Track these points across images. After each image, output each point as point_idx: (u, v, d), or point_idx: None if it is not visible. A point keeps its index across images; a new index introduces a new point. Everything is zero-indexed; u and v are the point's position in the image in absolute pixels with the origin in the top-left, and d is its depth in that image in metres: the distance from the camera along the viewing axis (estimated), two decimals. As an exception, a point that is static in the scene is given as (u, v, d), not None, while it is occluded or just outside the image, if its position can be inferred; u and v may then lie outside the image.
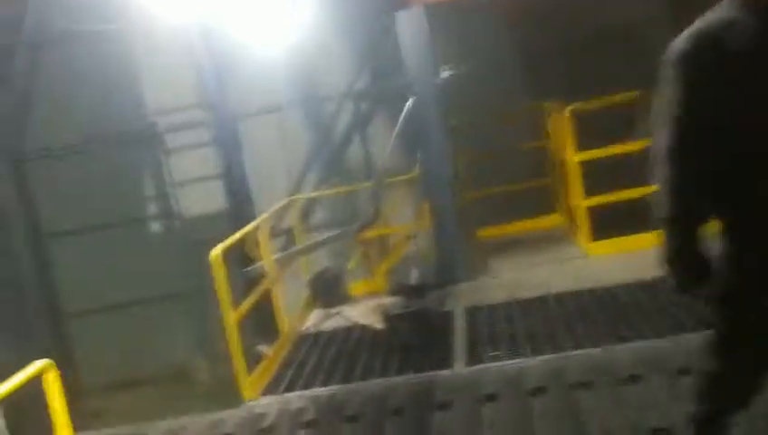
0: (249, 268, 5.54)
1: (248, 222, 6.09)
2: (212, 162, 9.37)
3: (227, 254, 4.73)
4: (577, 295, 5.52)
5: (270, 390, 4.82)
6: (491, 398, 3.98)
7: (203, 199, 9.52)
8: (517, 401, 3.91)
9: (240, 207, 8.99)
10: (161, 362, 9.37)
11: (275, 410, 4.30)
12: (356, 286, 6.58)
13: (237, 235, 5.26)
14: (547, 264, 6.58)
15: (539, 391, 3.97)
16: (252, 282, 5.59)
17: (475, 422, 3.76)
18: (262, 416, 4.25)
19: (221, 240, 4.83)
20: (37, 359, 2.81)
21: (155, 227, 10.14)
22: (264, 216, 6.13)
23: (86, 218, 9.50)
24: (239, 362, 4.61)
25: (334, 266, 6.41)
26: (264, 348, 5.63)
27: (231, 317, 4.61)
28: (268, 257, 5.61)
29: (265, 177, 9.20)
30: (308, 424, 4.03)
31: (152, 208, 10.07)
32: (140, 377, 9.08)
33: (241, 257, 6.29)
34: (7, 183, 9.02)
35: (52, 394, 2.84)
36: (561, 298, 5.55)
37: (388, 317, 5.22)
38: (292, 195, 8.78)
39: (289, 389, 4.79)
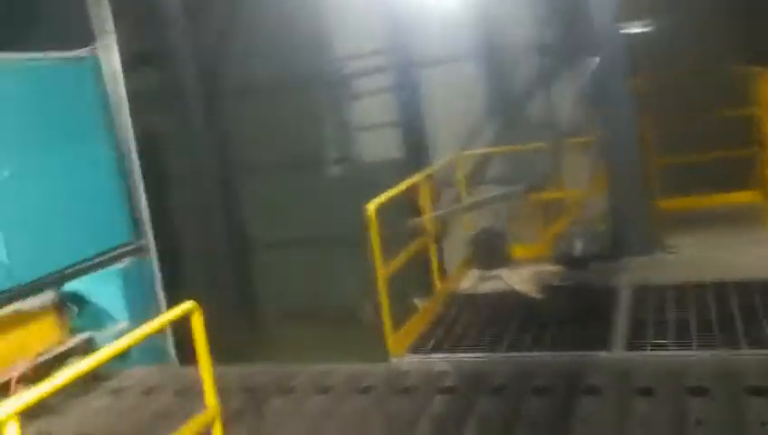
0: (409, 222, 5.49)
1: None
2: (391, 109, 9.39)
3: (388, 206, 4.68)
4: (764, 286, 4.93)
5: (416, 348, 4.78)
6: (646, 391, 3.65)
7: (380, 146, 9.60)
8: (675, 400, 3.56)
9: (415, 157, 8.98)
10: (333, 301, 9.77)
11: (417, 371, 4.25)
12: (518, 250, 6.32)
13: (399, 187, 5.20)
14: (734, 245, 5.91)
15: (702, 391, 3.58)
16: (412, 235, 5.54)
17: (623, 416, 3.48)
18: (403, 375, 4.23)
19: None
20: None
21: (333, 170, 10.42)
22: (430, 169, 6.03)
23: (271, 155, 9.97)
24: (387, 318, 4.60)
25: (498, 227, 6.19)
26: (419, 302, 5.61)
27: (382, 272, 4.59)
28: (428, 212, 5.51)
29: (443, 128, 9.08)
30: (447, 390, 3.95)
31: (332, 151, 10.36)
32: (313, 312, 9.49)
33: (410, 208, 6.26)
34: (202, 119, 9.61)
35: (198, 333, 2.95)
36: (744, 286, 4.95)
37: (547, 287, 4.96)
38: (467, 148, 8.65)
39: (435, 349, 4.72)
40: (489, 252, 6.08)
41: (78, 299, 5.31)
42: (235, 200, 10.38)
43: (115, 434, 4.01)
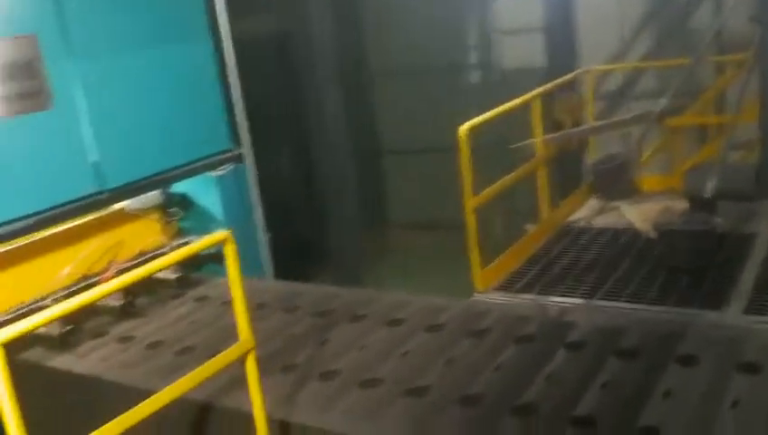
0: (518, 144, 4.99)
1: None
2: (537, 12, 8.62)
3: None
4: None
5: (505, 284, 4.41)
6: (751, 367, 3.10)
7: (523, 52, 8.92)
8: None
9: (561, 65, 8.20)
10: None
11: (496, 312, 3.89)
12: (647, 181, 5.64)
13: (507, 105, 4.70)
14: None
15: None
16: (521, 158, 5.06)
17: (716, 392, 2.96)
18: (480, 315, 3.88)
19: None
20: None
21: (473, 76, 9.88)
22: (552, 83, 5.42)
23: (409, 59, 9.58)
24: (475, 249, 4.25)
25: (625, 153, 5.53)
26: (530, 228, 5.19)
27: (471, 201, 4.21)
28: (540, 135, 4.98)
29: (595, 35, 8.22)
30: (521, 339, 3.58)
31: (471, 57, 9.79)
32: (437, 221, 9.25)
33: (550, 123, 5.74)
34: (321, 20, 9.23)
35: (231, 263, 2.79)
36: None
37: (666, 230, 4.36)
38: (619, 60, 7.82)
39: (526, 289, 4.33)
40: (611, 181, 5.47)
41: (183, 202, 5.38)
42: (365, 106, 10.14)
43: (184, 342, 4.03)
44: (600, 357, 3.35)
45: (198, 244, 2.75)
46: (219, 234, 2.77)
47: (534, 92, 5.01)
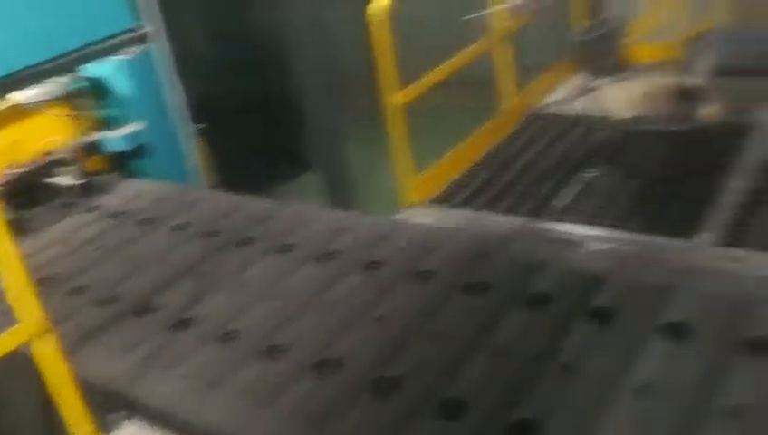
0: (471, 16, 4.06)
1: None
2: None
3: None
4: None
5: (446, 196, 3.67)
6: (682, 329, 2.34)
7: None
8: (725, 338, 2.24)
9: None
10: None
11: (399, 239, 3.13)
12: (643, 50, 4.64)
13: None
14: None
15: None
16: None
17: (621, 366, 2.23)
18: (380, 239, 3.14)
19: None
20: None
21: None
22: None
23: None
24: (402, 159, 3.49)
25: (615, 19, 4.52)
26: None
27: (395, 98, 3.39)
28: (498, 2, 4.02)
29: None
30: (419, 276, 2.86)
31: None
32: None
33: None
34: None
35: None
36: None
37: (632, 130, 3.50)
38: None
39: (464, 203, 3.59)
40: (597, 53, 4.51)
41: (92, 92, 4.67)
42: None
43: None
44: (508, 298, 2.62)
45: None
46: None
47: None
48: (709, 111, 3.46)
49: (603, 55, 4.52)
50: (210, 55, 6.28)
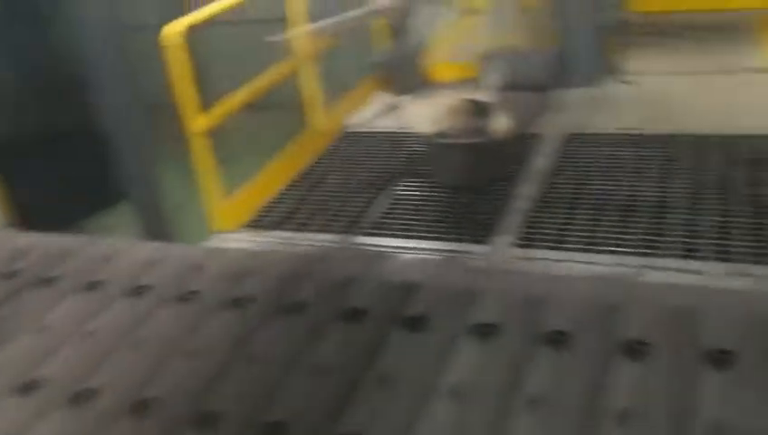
0: (273, 39, 4.10)
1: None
2: None
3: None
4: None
5: (259, 219, 3.66)
6: (491, 329, 2.49)
7: None
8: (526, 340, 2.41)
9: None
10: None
11: (214, 268, 3.10)
12: (442, 69, 4.92)
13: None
14: (730, 75, 4.41)
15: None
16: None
17: (435, 371, 2.36)
18: (195, 269, 3.09)
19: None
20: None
21: None
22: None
23: None
24: (209, 185, 3.44)
25: (416, 42, 4.76)
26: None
27: (197, 123, 3.35)
28: (300, 23, 4.10)
29: None
30: (238, 302, 2.84)
31: None
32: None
33: None
34: None
35: None
36: (738, 144, 3.54)
37: (433, 143, 3.70)
38: None
39: (282, 222, 3.61)
40: (398, 72, 4.72)
41: None
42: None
43: None
44: (322, 323, 2.65)
45: None
46: None
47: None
48: (499, 124, 3.73)
49: (405, 75, 4.72)
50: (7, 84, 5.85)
